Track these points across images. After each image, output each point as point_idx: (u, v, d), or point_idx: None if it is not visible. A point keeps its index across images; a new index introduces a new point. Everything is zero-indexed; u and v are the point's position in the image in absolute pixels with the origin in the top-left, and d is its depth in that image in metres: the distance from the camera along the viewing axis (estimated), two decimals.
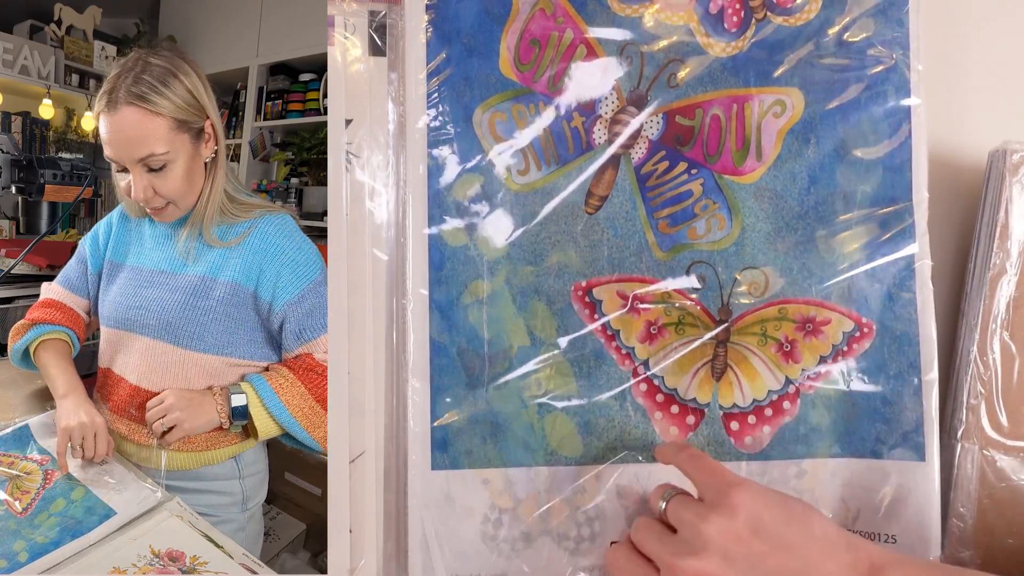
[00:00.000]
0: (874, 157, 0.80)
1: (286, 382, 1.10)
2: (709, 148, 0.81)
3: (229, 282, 1.09)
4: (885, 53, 0.80)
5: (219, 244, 1.11)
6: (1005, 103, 0.89)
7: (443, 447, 0.80)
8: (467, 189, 0.81)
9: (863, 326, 0.81)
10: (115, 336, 1.17)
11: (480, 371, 0.81)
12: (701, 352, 0.81)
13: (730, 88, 0.80)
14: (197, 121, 1.09)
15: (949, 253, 0.88)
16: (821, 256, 0.81)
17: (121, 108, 1.03)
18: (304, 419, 1.09)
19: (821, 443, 0.81)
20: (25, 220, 3.12)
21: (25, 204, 3.08)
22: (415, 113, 0.80)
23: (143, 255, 1.17)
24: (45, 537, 0.90)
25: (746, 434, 0.81)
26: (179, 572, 0.90)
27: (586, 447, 0.81)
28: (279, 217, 1.13)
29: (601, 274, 0.81)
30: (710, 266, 0.81)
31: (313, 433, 1.10)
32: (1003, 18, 0.89)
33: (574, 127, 0.81)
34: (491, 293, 0.81)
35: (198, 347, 1.11)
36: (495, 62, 0.80)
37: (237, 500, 1.20)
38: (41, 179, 1.67)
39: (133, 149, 1.04)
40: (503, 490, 0.81)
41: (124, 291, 1.16)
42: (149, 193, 1.07)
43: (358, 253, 0.83)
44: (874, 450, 0.81)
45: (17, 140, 3.07)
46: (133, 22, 3.63)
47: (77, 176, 1.74)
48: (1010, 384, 0.82)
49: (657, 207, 0.81)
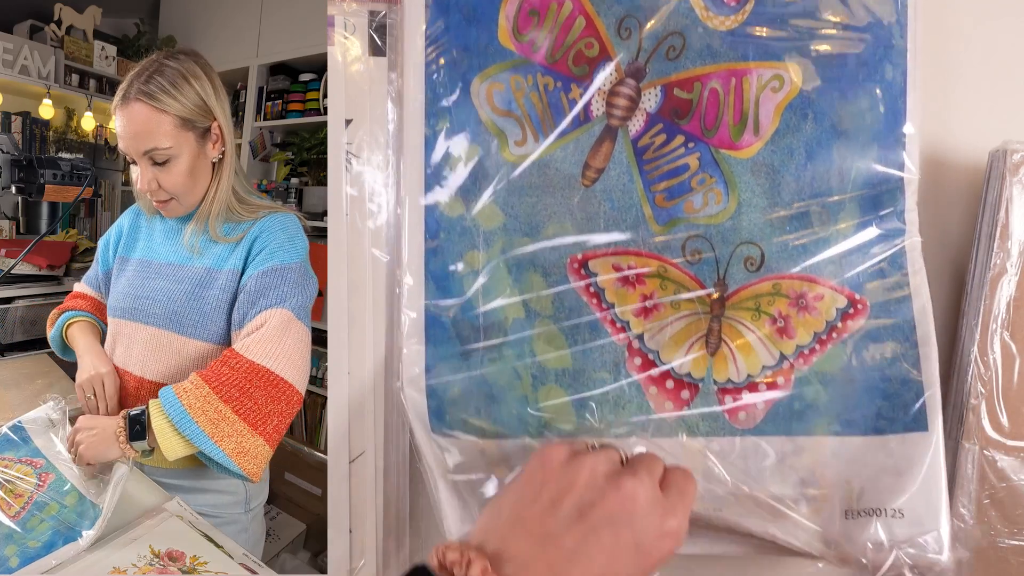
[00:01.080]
0: (869, 134, 0.80)
1: (191, 385, 1.00)
2: (707, 122, 0.81)
3: (230, 270, 1.11)
4: (883, 29, 0.80)
5: (224, 240, 1.13)
6: (1005, 103, 0.89)
7: (439, 416, 0.80)
8: (464, 159, 0.81)
9: (856, 303, 0.80)
10: (120, 327, 1.19)
11: (475, 342, 0.81)
12: (696, 326, 0.81)
13: (729, 62, 0.80)
14: (203, 121, 1.13)
15: (949, 253, 0.87)
16: (816, 232, 0.80)
17: (132, 103, 1.09)
18: (211, 427, 0.98)
19: (819, 420, 0.80)
20: (25, 220, 3.12)
21: (25, 204, 3.08)
22: (412, 82, 0.80)
23: (152, 249, 1.20)
24: (37, 542, 0.89)
25: (740, 409, 0.81)
26: (179, 572, 0.89)
27: (579, 420, 0.81)
28: (284, 215, 1.16)
29: (597, 247, 0.81)
30: (706, 240, 0.81)
31: (224, 446, 0.98)
32: (1003, 18, 0.89)
33: (572, 99, 0.81)
34: (487, 264, 0.81)
35: (200, 335, 1.12)
36: (494, 32, 0.80)
37: (240, 500, 1.20)
38: (41, 179, 1.67)
39: (139, 142, 1.09)
40: (499, 461, 0.80)
41: (132, 282, 1.19)
42: (153, 185, 1.11)
43: (358, 253, 0.83)
44: (876, 427, 0.80)
45: (17, 140, 3.07)
46: (133, 22, 3.64)
47: (77, 176, 1.74)
48: (1010, 384, 0.81)
49: (654, 180, 0.81)
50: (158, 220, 1.22)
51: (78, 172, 1.75)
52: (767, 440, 0.81)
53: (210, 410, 0.98)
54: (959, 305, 0.85)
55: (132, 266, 1.21)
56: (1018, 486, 0.81)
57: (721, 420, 0.81)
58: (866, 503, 0.80)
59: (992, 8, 0.88)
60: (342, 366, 0.83)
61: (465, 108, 0.81)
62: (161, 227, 1.21)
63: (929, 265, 0.83)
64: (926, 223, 0.82)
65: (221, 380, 0.99)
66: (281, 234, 1.12)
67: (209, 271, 1.12)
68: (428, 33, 0.80)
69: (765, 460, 0.81)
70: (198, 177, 1.14)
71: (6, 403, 1.30)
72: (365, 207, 0.83)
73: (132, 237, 1.25)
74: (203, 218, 1.15)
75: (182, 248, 1.16)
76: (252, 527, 1.23)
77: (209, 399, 0.98)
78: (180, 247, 1.17)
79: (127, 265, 1.22)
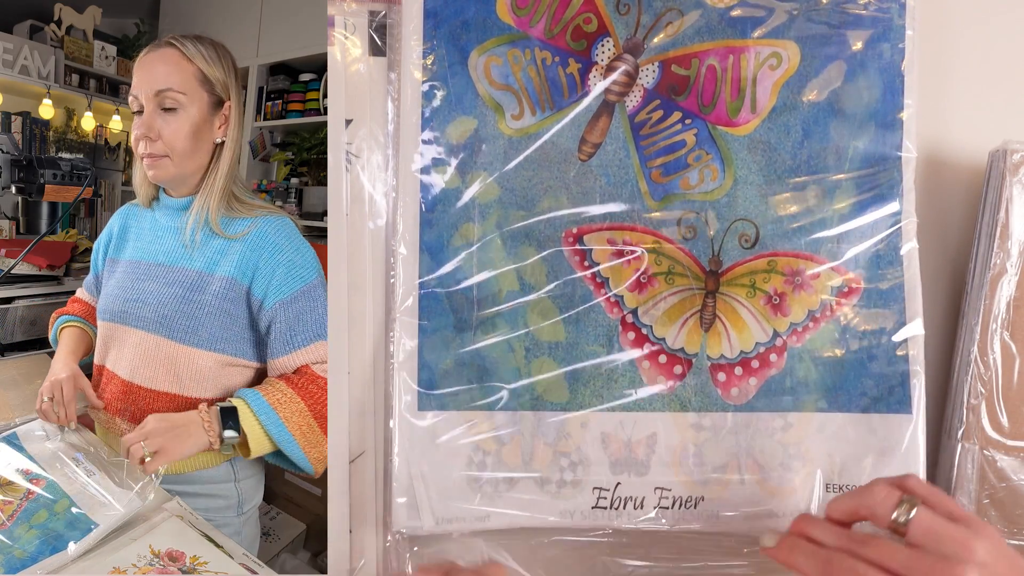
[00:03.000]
0: (867, 113, 0.80)
1: (284, 397, 1.07)
2: (704, 98, 0.81)
3: (225, 277, 1.09)
4: (881, 9, 0.80)
5: (222, 235, 1.11)
6: (1005, 103, 0.89)
7: (430, 388, 0.80)
8: (460, 132, 0.81)
9: (851, 281, 0.81)
10: (110, 330, 1.17)
11: (468, 314, 0.80)
12: (690, 302, 0.81)
13: (727, 39, 0.80)
14: (219, 91, 1.14)
15: (949, 253, 0.88)
16: (812, 210, 0.81)
17: (162, 48, 1.12)
18: (302, 438, 1.07)
19: (808, 397, 0.81)
20: (25, 220, 3.12)
21: (25, 204, 3.09)
22: (410, 55, 0.81)
23: (141, 248, 1.18)
24: (24, 551, 0.87)
25: (732, 385, 0.81)
26: (179, 572, 0.88)
27: (572, 393, 0.81)
28: (279, 219, 1.14)
29: (592, 221, 0.81)
30: (701, 216, 0.81)
31: (309, 453, 1.08)
32: (1002, 18, 0.89)
33: (569, 73, 0.81)
34: (481, 237, 0.81)
35: (192, 342, 1.10)
36: (492, 6, 0.80)
37: (232, 504, 1.18)
38: (41, 179, 1.66)
39: (156, 81, 1.10)
40: (488, 433, 0.80)
41: (121, 284, 1.17)
42: (152, 133, 1.10)
43: (358, 253, 0.83)
44: (861, 405, 0.81)
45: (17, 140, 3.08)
46: (133, 22, 3.65)
47: (77, 176, 1.73)
48: (1010, 384, 0.81)
49: (650, 156, 0.81)
50: (148, 218, 1.20)
51: (78, 172, 1.74)
52: (758, 416, 0.81)
53: (304, 424, 1.07)
54: (959, 305, 0.85)
55: (122, 267, 1.19)
56: (1018, 486, 0.81)
57: (713, 396, 0.81)
58: (846, 479, 0.81)
59: (991, 8, 0.89)
60: (342, 366, 0.83)
61: (463, 81, 0.81)
62: (151, 225, 1.19)
63: (929, 265, 0.83)
64: (926, 223, 0.83)
65: (312, 396, 1.08)
66: (288, 246, 1.11)
67: (201, 274, 1.10)
68: (427, 6, 0.80)
69: (756, 436, 0.81)
70: (198, 144, 1.13)
71: (6, 403, 1.29)
72: (365, 207, 0.83)
73: (122, 238, 1.23)
74: (204, 206, 1.12)
75: (174, 245, 1.14)
76: (245, 530, 1.21)
77: (303, 414, 1.07)
78: (172, 244, 1.14)
79: (117, 267, 1.20)
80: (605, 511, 0.81)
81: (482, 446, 0.80)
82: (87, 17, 3.41)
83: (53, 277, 2.52)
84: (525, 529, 0.81)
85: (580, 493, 0.80)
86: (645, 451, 0.80)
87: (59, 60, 3.24)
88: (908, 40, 0.80)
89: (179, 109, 1.10)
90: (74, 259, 2.66)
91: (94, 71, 3.42)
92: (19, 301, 2.37)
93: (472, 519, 0.80)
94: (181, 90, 1.10)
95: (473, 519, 0.80)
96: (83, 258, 2.68)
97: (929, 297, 0.84)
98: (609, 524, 0.81)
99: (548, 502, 0.80)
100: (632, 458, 0.80)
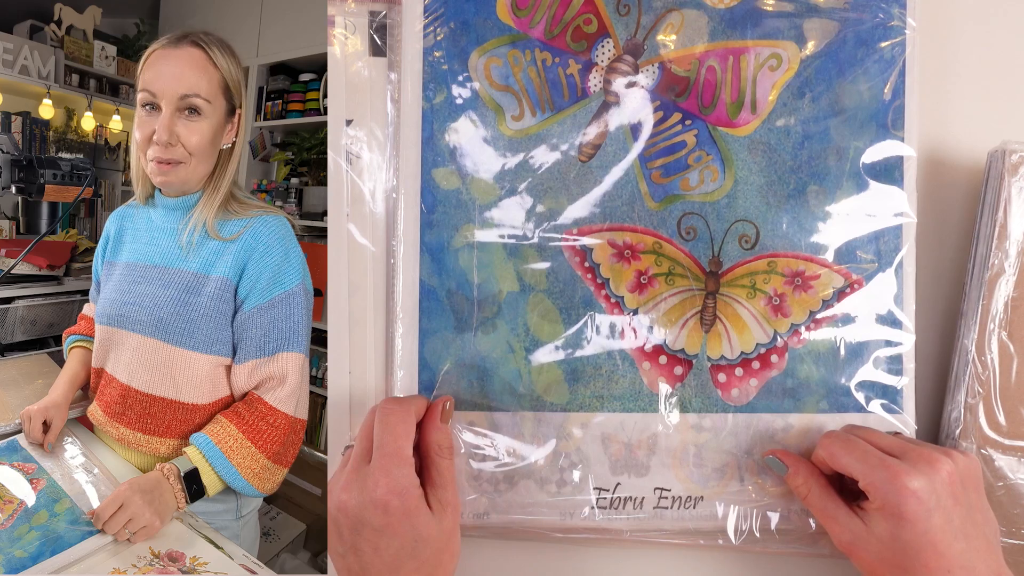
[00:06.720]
0: (867, 113, 0.81)
1: (236, 443, 1.08)
2: (704, 99, 0.81)
3: (220, 277, 1.09)
4: (882, 9, 0.80)
5: (218, 237, 1.10)
6: (1004, 103, 0.89)
7: (430, 388, 0.80)
8: (461, 133, 0.81)
9: (852, 282, 0.81)
10: (108, 334, 1.16)
11: (468, 315, 0.81)
12: (690, 303, 0.81)
13: (727, 40, 0.80)
14: (234, 101, 1.13)
15: (948, 253, 0.87)
16: (812, 211, 0.81)
17: (186, 45, 1.09)
18: (255, 478, 1.09)
19: (809, 398, 0.81)
20: (25, 220, 3.13)
21: (25, 204, 3.09)
22: (410, 55, 0.81)
23: (138, 251, 1.17)
24: (24, 552, 0.87)
25: (733, 386, 0.81)
26: (179, 572, 0.89)
27: (572, 394, 0.81)
28: (275, 219, 1.13)
29: (592, 222, 0.81)
30: (701, 217, 0.81)
31: (261, 487, 1.11)
32: (1002, 18, 0.89)
33: (569, 74, 0.81)
34: (482, 237, 0.81)
35: (188, 344, 1.10)
36: (492, 7, 0.80)
37: (231, 508, 1.17)
38: (41, 179, 1.66)
39: (181, 83, 1.07)
40: (488, 432, 0.80)
41: (118, 287, 1.16)
42: (174, 138, 1.08)
43: (358, 253, 0.83)
44: (858, 405, 0.81)
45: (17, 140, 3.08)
46: (133, 22, 3.66)
47: (77, 176, 1.73)
48: (1008, 384, 0.81)
49: (650, 157, 0.81)
50: (144, 218, 1.20)
51: (78, 172, 1.74)
52: (759, 417, 0.81)
53: (256, 466, 1.09)
54: (957, 305, 0.85)
55: (119, 271, 1.18)
56: (1016, 485, 0.81)
57: (714, 397, 0.81)
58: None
59: (991, 8, 0.88)
60: (342, 366, 0.83)
61: (463, 82, 0.81)
62: (147, 226, 1.18)
63: (927, 265, 0.83)
64: (925, 224, 0.83)
65: (263, 437, 1.09)
66: (278, 249, 1.10)
67: (197, 276, 1.10)
68: (427, 6, 0.80)
69: (757, 437, 0.81)
70: (213, 149, 1.13)
71: (6, 403, 1.29)
72: (365, 207, 0.83)
73: (118, 240, 1.22)
74: (205, 211, 1.12)
75: (170, 246, 1.13)
76: (244, 533, 1.21)
77: (256, 458, 1.08)
78: (168, 245, 1.14)
79: (114, 270, 1.20)
80: (605, 511, 0.81)
81: (482, 446, 0.80)
82: (87, 17, 3.42)
83: (53, 277, 2.52)
84: (525, 529, 0.81)
85: (580, 493, 0.80)
86: (645, 452, 0.81)
87: (59, 60, 3.25)
88: (908, 40, 0.80)
89: (202, 116, 1.09)
90: (74, 259, 2.66)
91: (94, 71, 3.42)
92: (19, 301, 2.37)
93: (472, 518, 0.81)
94: (207, 97, 1.08)
95: (473, 518, 0.81)
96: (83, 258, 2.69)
97: (927, 297, 0.84)
98: (609, 524, 0.81)
99: (548, 502, 0.80)
100: (632, 459, 0.80)
